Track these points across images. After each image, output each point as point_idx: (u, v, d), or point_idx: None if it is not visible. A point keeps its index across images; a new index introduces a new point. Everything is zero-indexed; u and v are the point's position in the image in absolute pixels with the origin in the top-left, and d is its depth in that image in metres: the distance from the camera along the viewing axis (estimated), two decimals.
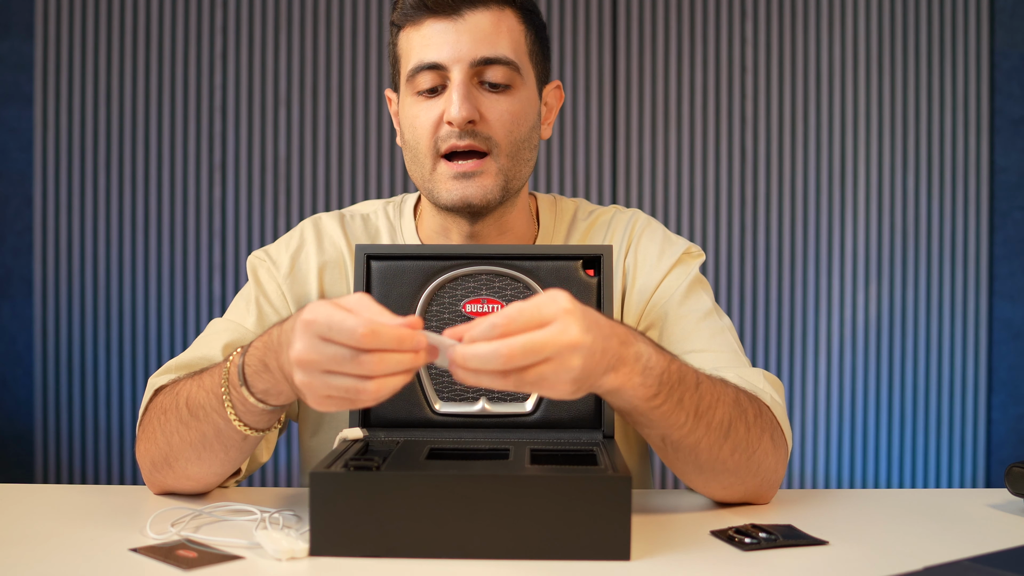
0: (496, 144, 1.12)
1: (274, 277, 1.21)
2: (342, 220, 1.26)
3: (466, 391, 1.06)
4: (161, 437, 1.02)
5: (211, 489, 1.08)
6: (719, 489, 1.03)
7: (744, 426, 0.98)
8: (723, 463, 0.98)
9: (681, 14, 2.93)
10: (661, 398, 0.91)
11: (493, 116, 1.12)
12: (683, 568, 0.83)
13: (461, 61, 1.10)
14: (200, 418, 0.98)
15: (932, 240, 2.94)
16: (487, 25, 1.11)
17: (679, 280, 1.20)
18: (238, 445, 0.99)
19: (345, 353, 0.79)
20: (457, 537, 0.82)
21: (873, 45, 2.93)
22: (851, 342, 2.94)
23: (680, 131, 2.93)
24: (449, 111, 1.10)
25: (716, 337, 1.15)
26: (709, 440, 0.96)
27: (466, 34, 1.10)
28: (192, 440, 1.00)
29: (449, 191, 1.13)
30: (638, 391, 0.90)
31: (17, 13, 2.82)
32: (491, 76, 1.11)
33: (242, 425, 0.96)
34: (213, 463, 1.01)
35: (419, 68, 1.12)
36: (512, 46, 1.12)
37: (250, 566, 0.83)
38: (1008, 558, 0.83)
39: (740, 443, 0.98)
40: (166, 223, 2.87)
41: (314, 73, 2.89)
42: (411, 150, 1.16)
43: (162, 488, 1.07)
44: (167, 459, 1.03)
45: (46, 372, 2.86)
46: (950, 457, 2.95)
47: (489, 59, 1.11)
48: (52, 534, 0.91)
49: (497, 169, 1.13)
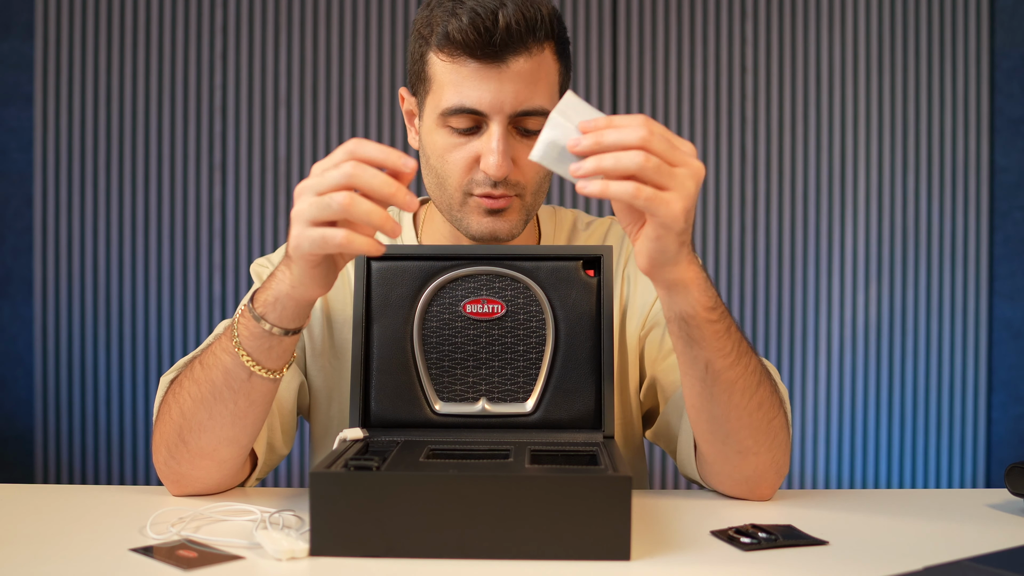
0: (524, 187, 1.13)
1: None
2: None
3: (466, 391, 1.06)
4: (175, 408, 1.02)
5: (227, 478, 1.06)
6: (735, 454, 1.03)
7: (769, 387, 1.02)
8: (750, 415, 1.01)
9: (681, 14, 2.93)
10: (717, 314, 0.95)
11: (524, 163, 1.11)
12: (683, 568, 0.83)
13: (502, 112, 1.08)
14: (210, 365, 0.99)
15: (932, 240, 2.94)
16: (527, 73, 1.08)
17: None
18: (245, 389, 0.98)
19: (332, 167, 0.87)
20: (457, 537, 0.83)
21: (873, 45, 2.93)
22: (851, 342, 2.94)
23: (680, 131, 2.93)
24: (487, 162, 1.09)
25: None
26: (744, 383, 0.99)
27: (508, 83, 1.07)
28: (202, 395, 1.00)
29: (480, 225, 1.14)
30: (701, 296, 0.94)
31: (17, 13, 2.82)
32: (528, 125, 1.10)
33: (247, 356, 0.96)
34: (224, 419, 1.00)
35: (457, 110, 1.09)
36: (548, 92, 1.11)
37: (250, 566, 0.83)
38: (1008, 558, 0.83)
39: (766, 401, 1.01)
40: (166, 223, 2.87)
41: (314, 73, 2.89)
42: (437, 176, 1.15)
43: (179, 481, 1.05)
44: (180, 432, 1.02)
45: (46, 372, 2.86)
46: (950, 457, 2.95)
47: (528, 111, 1.09)
48: (52, 534, 0.92)
49: (522, 206, 1.15)
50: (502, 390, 1.06)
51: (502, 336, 1.07)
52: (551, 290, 1.07)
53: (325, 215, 0.87)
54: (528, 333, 1.07)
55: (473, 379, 1.07)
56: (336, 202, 0.86)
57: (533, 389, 1.06)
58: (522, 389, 1.06)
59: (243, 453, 1.05)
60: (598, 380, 1.06)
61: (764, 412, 1.01)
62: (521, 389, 1.06)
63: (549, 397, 1.06)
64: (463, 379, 1.07)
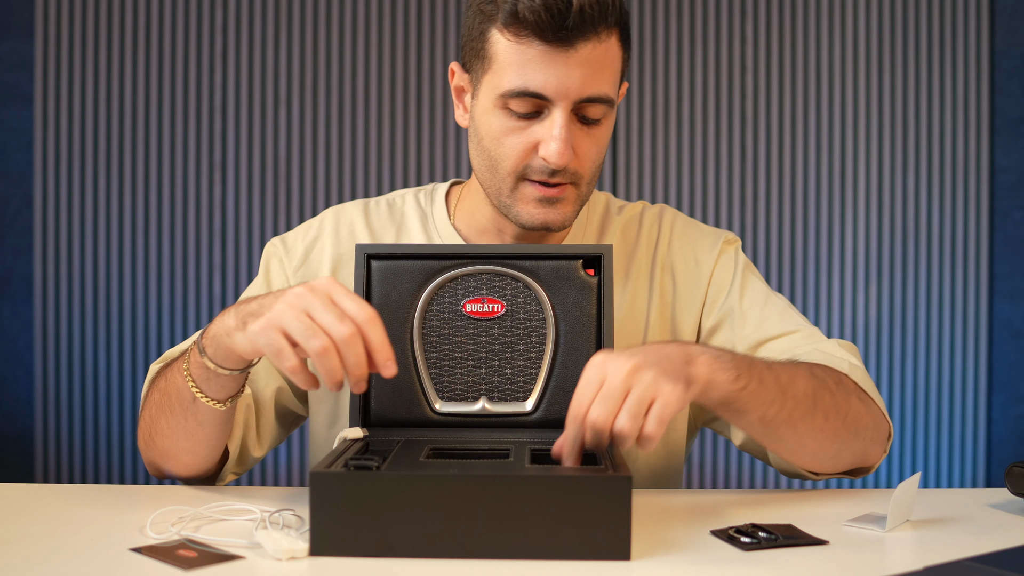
0: (581, 176, 1.10)
1: (284, 270, 1.22)
2: (366, 208, 1.25)
3: (466, 391, 1.06)
4: (150, 405, 1.08)
5: (195, 473, 1.12)
6: (828, 459, 1.06)
7: (828, 393, 1.02)
8: (821, 431, 1.02)
9: (681, 14, 2.93)
10: (744, 380, 0.95)
11: (583, 151, 1.09)
12: (683, 568, 0.83)
13: (568, 98, 1.04)
14: (168, 379, 1.04)
15: (932, 240, 2.94)
16: (595, 59, 1.04)
17: (727, 272, 1.23)
18: (192, 411, 1.02)
19: (331, 313, 0.88)
20: (457, 537, 0.82)
21: (873, 45, 2.93)
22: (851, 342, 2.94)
23: (680, 131, 2.93)
24: (548, 149, 1.05)
25: (785, 316, 1.19)
26: (801, 411, 0.99)
27: (576, 68, 1.03)
28: (162, 406, 1.05)
29: (531, 214, 1.11)
30: (723, 376, 0.93)
31: (17, 13, 2.82)
32: (590, 113, 1.07)
33: (192, 383, 1.00)
34: (178, 434, 1.05)
35: (520, 93, 1.05)
36: (612, 80, 1.08)
37: (250, 566, 0.83)
38: (1008, 558, 0.83)
39: (830, 409, 1.02)
40: (166, 223, 2.87)
41: (314, 73, 2.89)
42: (490, 159, 1.11)
43: (153, 468, 1.12)
44: (150, 431, 1.08)
45: (46, 372, 2.86)
46: (950, 457, 2.95)
47: (592, 98, 1.06)
48: (52, 534, 0.91)
49: (577, 195, 1.12)
50: (502, 389, 1.06)
51: (502, 335, 1.07)
52: (551, 289, 1.07)
53: (298, 338, 0.88)
54: (528, 332, 1.07)
55: (473, 378, 1.07)
56: (315, 343, 0.87)
57: (533, 388, 1.06)
58: (522, 388, 1.06)
59: (205, 461, 1.09)
60: None
61: (832, 419, 1.02)
62: (521, 388, 1.06)
63: (549, 396, 1.06)
64: (463, 378, 1.07)
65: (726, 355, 0.95)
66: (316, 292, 0.89)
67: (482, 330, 1.07)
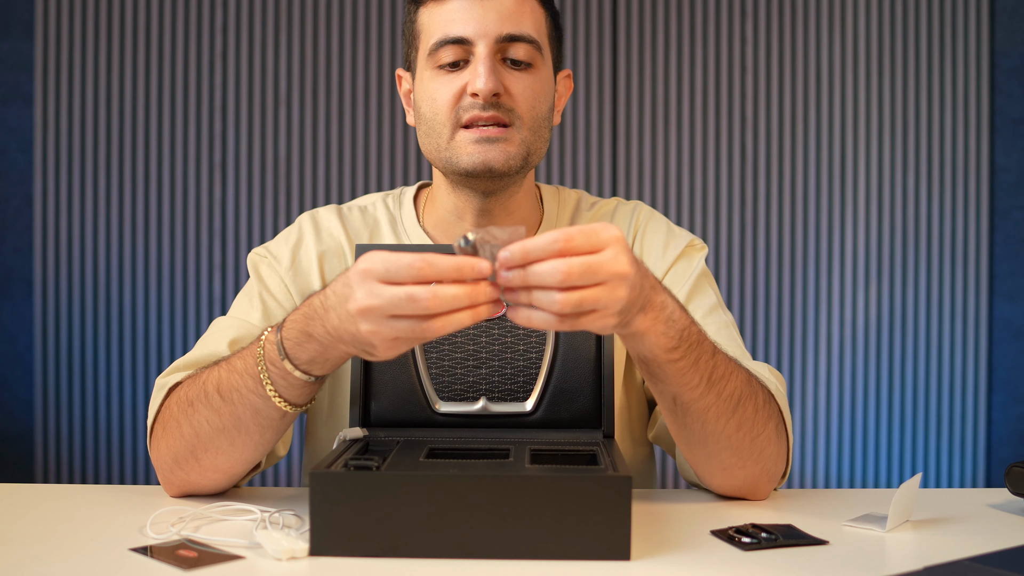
0: (519, 117, 1.13)
1: (276, 271, 1.22)
2: (339, 212, 1.26)
3: (466, 391, 1.06)
4: (187, 428, 1.01)
5: (232, 483, 1.07)
6: (719, 470, 1.03)
7: (753, 406, 1.00)
8: (728, 438, 0.99)
9: (681, 14, 2.93)
10: (680, 352, 0.92)
11: (516, 91, 1.12)
12: (683, 568, 0.83)
13: (487, 36, 1.11)
14: (234, 401, 0.98)
15: (932, 240, 2.94)
16: (511, 4, 1.12)
17: (684, 273, 1.22)
18: (275, 424, 0.99)
19: (403, 294, 0.80)
20: (457, 537, 0.82)
21: (873, 45, 2.93)
22: (851, 342, 2.94)
23: (680, 131, 2.93)
24: (474, 83, 1.10)
25: (720, 332, 1.17)
26: (718, 410, 0.97)
27: (492, 11, 1.11)
28: (224, 425, 0.99)
29: (471, 155, 1.12)
30: (660, 339, 0.91)
31: (17, 13, 2.82)
32: (515, 53, 1.12)
33: (281, 401, 0.96)
34: (246, 448, 1.01)
35: (443, 42, 1.12)
36: (535, 26, 1.14)
37: (250, 566, 0.83)
38: (1008, 558, 0.83)
39: (747, 421, 0.99)
40: (166, 223, 2.87)
41: (314, 73, 2.89)
42: (427, 123, 1.15)
43: (182, 487, 1.06)
44: (194, 451, 1.02)
45: (46, 372, 2.86)
46: (950, 457, 2.95)
47: (514, 36, 1.12)
48: (52, 534, 0.91)
49: (520, 139, 1.13)
50: (502, 389, 1.06)
51: (502, 335, 1.07)
52: None
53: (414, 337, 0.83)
54: (528, 332, 1.07)
55: (473, 379, 1.07)
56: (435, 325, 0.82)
57: (533, 388, 1.06)
58: (522, 388, 1.06)
59: (247, 467, 1.06)
60: (598, 379, 1.06)
61: (745, 432, 1.00)
62: (521, 388, 1.06)
63: (549, 396, 1.06)
64: (463, 379, 1.07)
65: (681, 322, 0.92)
66: (369, 292, 0.83)
67: (482, 330, 1.07)
